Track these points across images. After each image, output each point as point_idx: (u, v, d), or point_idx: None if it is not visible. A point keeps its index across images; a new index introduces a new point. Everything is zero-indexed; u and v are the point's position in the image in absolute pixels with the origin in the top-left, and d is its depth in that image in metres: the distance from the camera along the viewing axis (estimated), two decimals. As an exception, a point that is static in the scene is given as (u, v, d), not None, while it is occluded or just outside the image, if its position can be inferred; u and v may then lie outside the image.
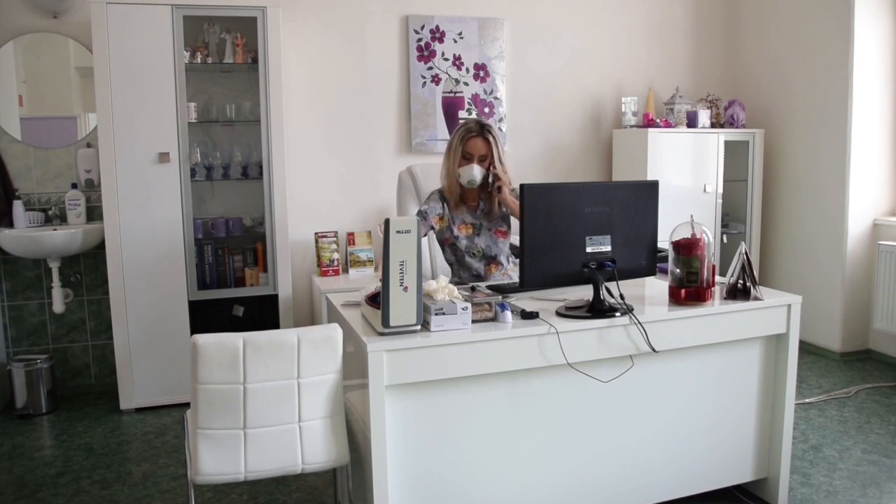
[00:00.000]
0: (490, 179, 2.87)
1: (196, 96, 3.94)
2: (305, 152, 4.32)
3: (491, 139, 2.86)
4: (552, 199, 2.21)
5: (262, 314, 3.95)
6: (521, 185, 2.24)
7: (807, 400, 3.78)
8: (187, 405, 2.19)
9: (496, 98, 4.63)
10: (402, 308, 2.02)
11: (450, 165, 2.89)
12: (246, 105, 4.00)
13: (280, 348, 2.03)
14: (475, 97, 4.58)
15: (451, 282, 2.83)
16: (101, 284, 4.03)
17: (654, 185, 2.35)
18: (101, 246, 3.85)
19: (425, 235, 2.98)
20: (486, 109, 4.62)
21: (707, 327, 2.42)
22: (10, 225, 3.82)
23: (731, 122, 4.88)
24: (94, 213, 4.01)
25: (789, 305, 2.54)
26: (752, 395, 2.61)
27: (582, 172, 4.85)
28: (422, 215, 2.91)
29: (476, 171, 2.84)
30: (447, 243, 3.00)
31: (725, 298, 2.52)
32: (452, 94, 4.53)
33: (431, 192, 3.02)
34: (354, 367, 2.22)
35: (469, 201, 2.99)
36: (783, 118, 4.83)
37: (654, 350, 2.30)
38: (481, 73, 4.58)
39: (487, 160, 2.86)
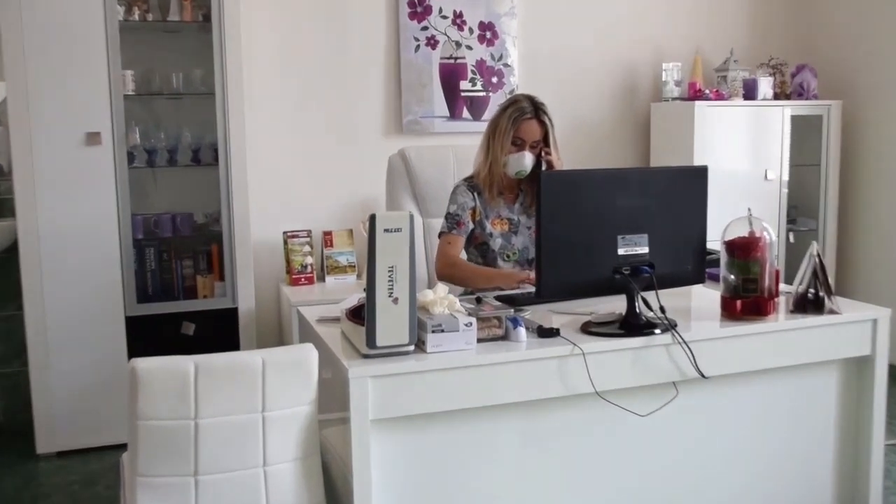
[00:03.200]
0: (542, 168, 2.92)
1: (133, 63, 3.95)
2: (271, 132, 4.34)
3: (547, 121, 2.93)
4: (576, 189, 2.24)
5: (219, 333, 3.97)
6: (539, 174, 2.27)
7: (897, 439, 3.78)
8: (124, 447, 2.19)
9: (506, 65, 4.66)
10: (392, 324, 2.04)
11: (495, 152, 2.94)
12: (196, 74, 4.02)
13: (241, 374, 2.03)
14: (480, 64, 4.61)
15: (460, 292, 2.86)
16: (14, 298, 4.03)
17: (701, 172, 2.35)
18: (13, 248, 3.85)
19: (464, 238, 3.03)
20: (494, 79, 4.66)
21: (769, 348, 2.41)
22: None
23: (800, 93, 4.91)
24: (3, 207, 4.02)
25: (875, 321, 2.52)
26: (828, 432, 2.60)
27: (612, 156, 4.87)
28: (454, 220, 2.98)
29: (528, 160, 2.90)
30: (476, 242, 3.05)
31: (792, 312, 2.51)
32: (452, 61, 4.56)
33: (456, 185, 3.07)
34: (332, 397, 2.22)
35: (507, 192, 3.04)
36: (866, 87, 4.85)
37: (702, 376, 2.30)
38: (488, 35, 4.61)
39: (539, 146, 2.94)
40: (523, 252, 3.04)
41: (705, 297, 2.70)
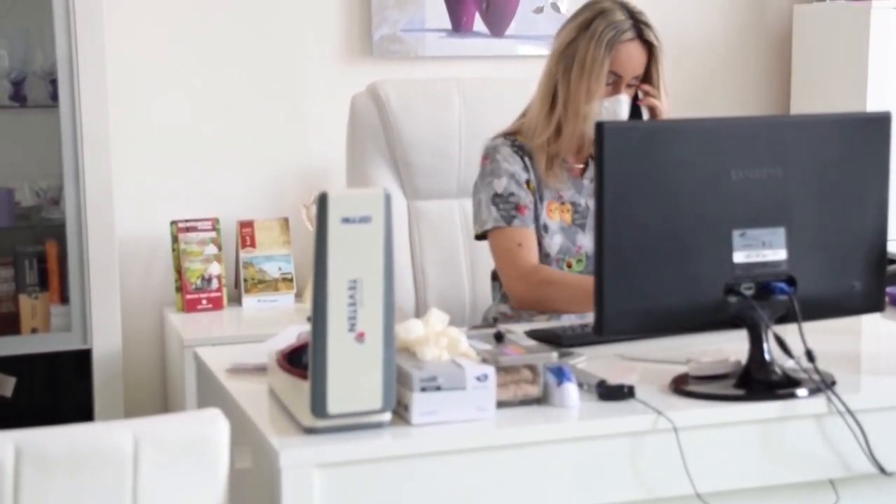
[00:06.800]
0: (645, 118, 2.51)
1: None
2: (151, 53, 3.56)
3: (654, 42, 2.47)
4: (661, 152, 1.86)
5: (59, 392, 3.33)
6: (599, 126, 1.82)
7: None
8: None
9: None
10: (354, 377, 1.67)
11: (575, 99, 2.45)
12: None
13: (96, 463, 1.57)
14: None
15: (493, 319, 2.45)
16: None
17: (881, 124, 1.92)
18: None
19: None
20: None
21: None
22: None
23: None
24: None
25: None
26: None
27: (727, 96, 4.21)
28: (509, 203, 2.48)
29: (625, 106, 2.45)
30: None
31: None
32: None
33: (492, 144, 2.55)
34: (253, 498, 1.81)
35: (571, 159, 2.53)
36: None
37: (882, 471, 1.82)
38: None
39: (636, 83, 2.49)
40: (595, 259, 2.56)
41: (885, 336, 2.35)
